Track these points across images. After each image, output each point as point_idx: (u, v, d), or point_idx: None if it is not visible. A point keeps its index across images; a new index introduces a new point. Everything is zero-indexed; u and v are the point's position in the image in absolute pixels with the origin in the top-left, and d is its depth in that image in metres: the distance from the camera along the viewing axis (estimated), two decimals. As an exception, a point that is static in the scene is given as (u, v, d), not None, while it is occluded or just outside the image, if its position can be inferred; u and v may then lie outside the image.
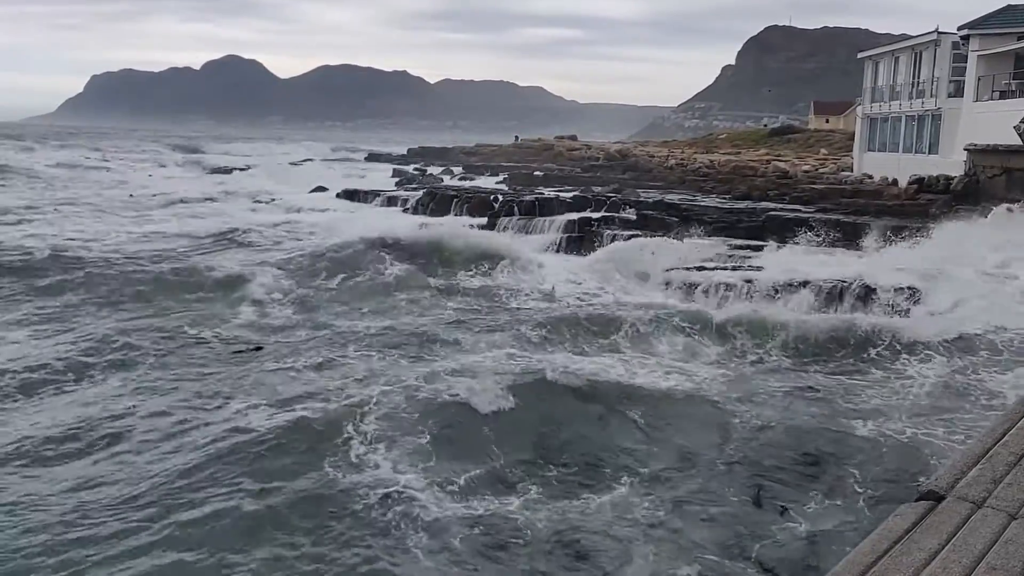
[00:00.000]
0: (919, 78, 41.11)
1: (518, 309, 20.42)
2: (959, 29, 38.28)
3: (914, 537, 3.38)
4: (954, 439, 11.44)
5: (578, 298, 21.89)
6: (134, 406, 12.63)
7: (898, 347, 16.26)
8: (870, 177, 42.33)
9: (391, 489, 9.75)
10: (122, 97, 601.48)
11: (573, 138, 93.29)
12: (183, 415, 12.25)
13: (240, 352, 15.85)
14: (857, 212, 33.18)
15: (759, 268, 23.39)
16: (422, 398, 12.45)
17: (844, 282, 20.59)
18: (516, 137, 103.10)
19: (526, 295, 22.15)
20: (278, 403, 12.45)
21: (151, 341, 16.17)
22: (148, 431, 11.74)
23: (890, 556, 3.21)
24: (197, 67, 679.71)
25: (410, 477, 10.12)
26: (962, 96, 37.59)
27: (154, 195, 45.90)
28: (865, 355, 16.19)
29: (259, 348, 16.01)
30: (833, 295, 20.44)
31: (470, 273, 24.33)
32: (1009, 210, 27.55)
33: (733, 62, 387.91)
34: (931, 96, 39.35)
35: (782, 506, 9.88)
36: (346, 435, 11.13)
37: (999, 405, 12.74)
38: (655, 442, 11.86)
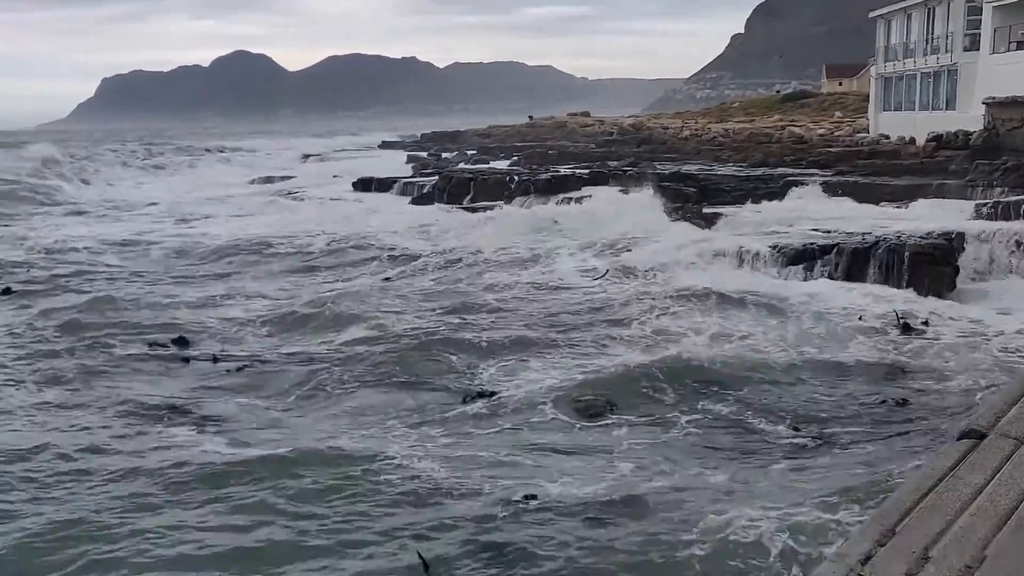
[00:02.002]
0: (933, 34, 40.61)
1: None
2: (972, -19, 37.79)
3: (959, 473, 3.38)
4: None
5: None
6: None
7: None
8: (887, 137, 41.93)
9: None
10: (133, 99, 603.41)
11: (586, 115, 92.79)
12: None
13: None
14: (876, 173, 32.92)
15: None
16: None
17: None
18: (530, 117, 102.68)
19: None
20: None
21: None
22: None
23: (936, 492, 3.21)
24: (206, 64, 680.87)
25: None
26: (978, 49, 37.10)
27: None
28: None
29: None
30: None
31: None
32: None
33: (742, 30, 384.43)
34: (946, 51, 38.87)
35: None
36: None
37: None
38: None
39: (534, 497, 9.20)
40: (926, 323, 16.75)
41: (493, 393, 12.70)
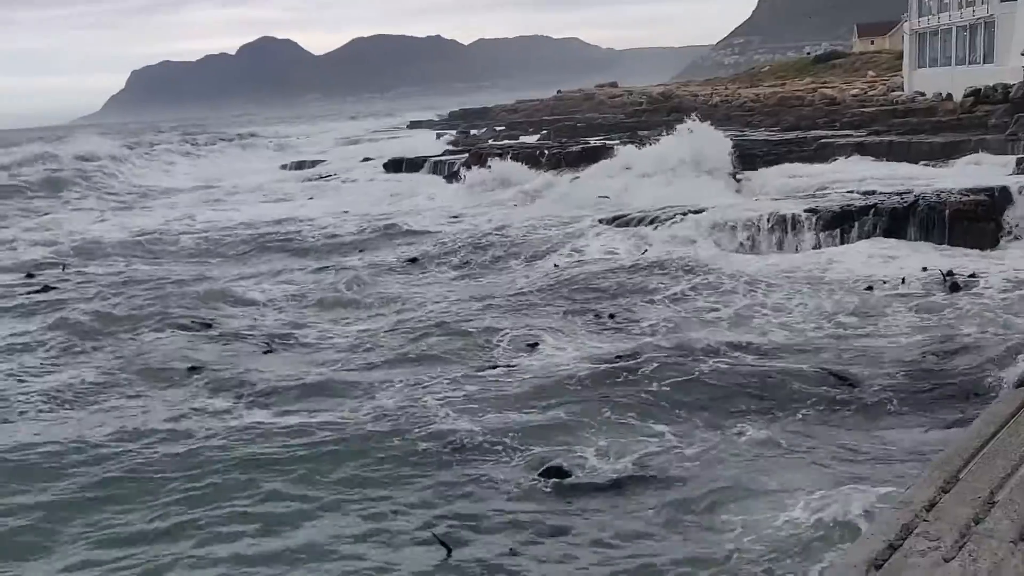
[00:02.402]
0: (968, -14, 39.80)
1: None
2: (1008, -70, 36.92)
3: (1021, 419, 3.32)
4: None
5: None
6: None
7: None
8: (922, 95, 41.25)
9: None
10: (163, 89, 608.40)
11: (614, 85, 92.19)
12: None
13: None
14: (912, 131, 32.35)
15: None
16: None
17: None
18: (558, 91, 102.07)
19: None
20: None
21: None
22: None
23: (998, 439, 3.16)
24: (233, 52, 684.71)
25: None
26: (1016, 0, 36.28)
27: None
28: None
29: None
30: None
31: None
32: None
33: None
34: (983, 3, 38.05)
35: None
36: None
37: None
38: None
39: (566, 474, 9.14)
40: (973, 276, 16.43)
41: (512, 366, 12.68)
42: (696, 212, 22.27)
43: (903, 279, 16.50)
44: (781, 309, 15.34)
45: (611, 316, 15.29)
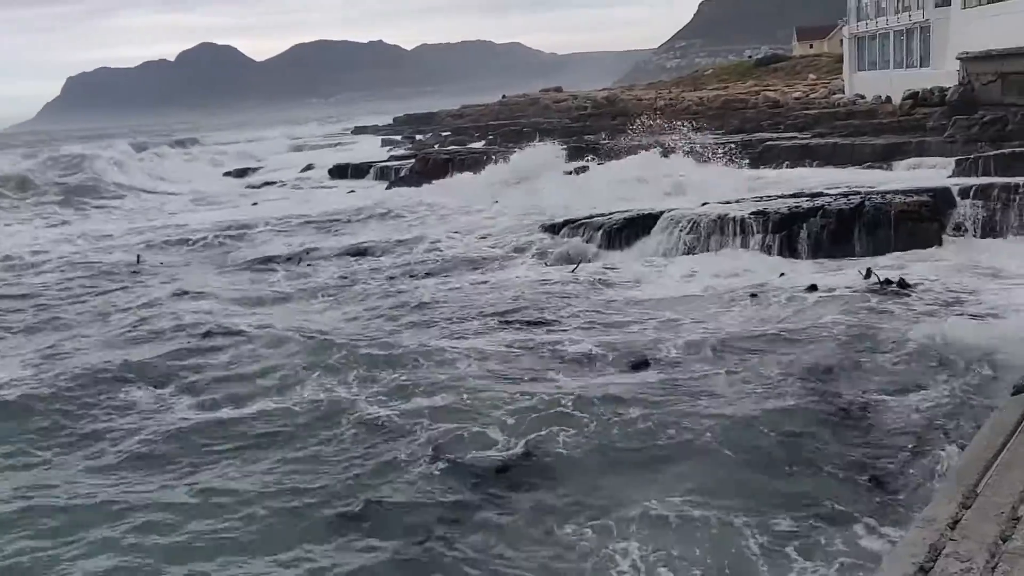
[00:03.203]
0: (904, -9, 40.62)
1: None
2: (941, -64, 37.76)
3: (1027, 429, 3.25)
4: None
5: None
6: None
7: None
8: (863, 97, 41.99)
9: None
10: (100, 96, 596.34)
11: (558, 90, 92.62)
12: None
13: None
14: (855, 133, 32.91)
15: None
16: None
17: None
18: (503, 95, 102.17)
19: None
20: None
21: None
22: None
23: (1009, 449, 3.09)
24: (172, 58, 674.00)
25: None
26: (950, 5, 37.08)
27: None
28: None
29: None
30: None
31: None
32: None
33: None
34: (918, 8, 38.88)
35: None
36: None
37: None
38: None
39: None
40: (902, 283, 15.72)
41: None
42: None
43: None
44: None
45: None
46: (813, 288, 15.90)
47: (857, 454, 8.88)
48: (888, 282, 16.00)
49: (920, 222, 19.37)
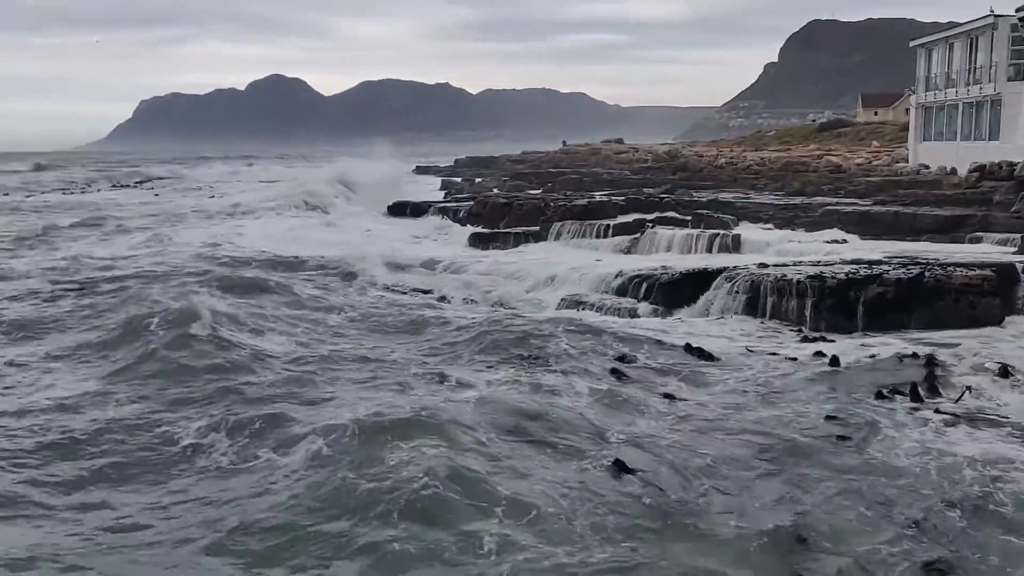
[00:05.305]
0: (975, 64, 40.23)
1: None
2: (1017, 11, 37.47)
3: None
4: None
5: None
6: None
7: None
8: (927, 167, 41.51)
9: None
10: (170, 120, 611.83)
11: (620, 141, 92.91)
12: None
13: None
14: (916, 203, 32.51)
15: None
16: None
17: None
18: (563, 142, 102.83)
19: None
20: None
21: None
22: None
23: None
24: (242, 87, 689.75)
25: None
26: (1022, 79, 36.73)
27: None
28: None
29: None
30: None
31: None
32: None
33: (775, 59, 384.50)
34: (989, 81, 38.48)
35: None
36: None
37: None
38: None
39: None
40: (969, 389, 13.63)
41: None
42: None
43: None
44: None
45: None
46: (835, 363, 15.19)
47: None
48: (915, 356, 15.51)
49: (982, 297, 19.03)
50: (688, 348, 16.38)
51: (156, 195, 64.80)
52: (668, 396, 13.31)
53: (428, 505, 8.62)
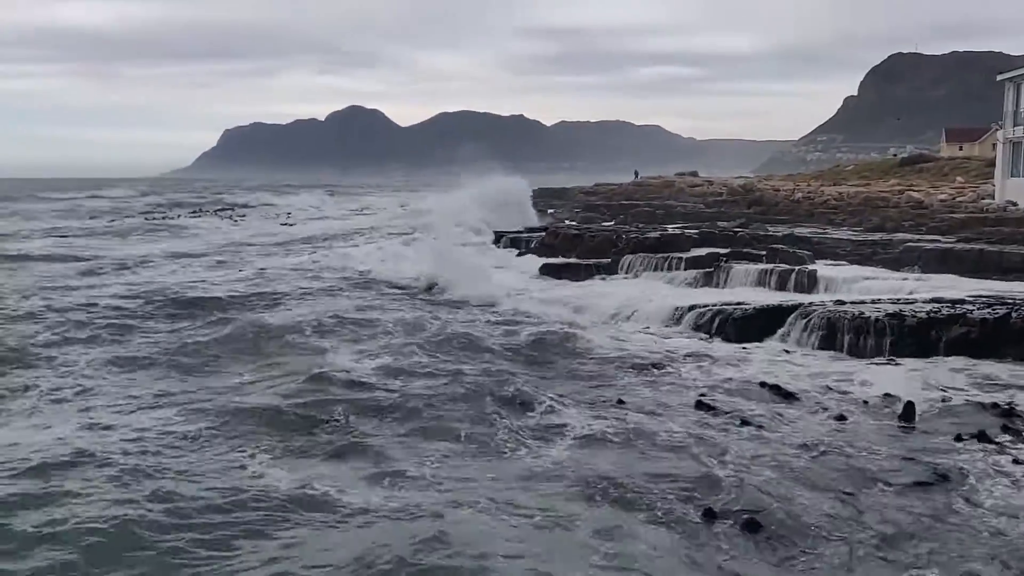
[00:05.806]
0: (1066, 98, 39.10)
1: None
2: (1109, 45, 36.31)
3: None
4: None
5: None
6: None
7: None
8: (1015, 204, 40.31)
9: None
10: (253, 149, 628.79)
11: (694, 174, 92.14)
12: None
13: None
14: (1003, 241, 31.49)
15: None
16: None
17: None
18: (636, 173, 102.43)
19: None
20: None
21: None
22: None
23: None
24: (322, 118, 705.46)
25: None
26: (1116, 116, 35.54)
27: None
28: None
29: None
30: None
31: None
32: None
33: (855, 92, 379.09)
34: (1081, 116, 37.32)
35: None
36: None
37: None
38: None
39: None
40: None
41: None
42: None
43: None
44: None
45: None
46: (910, 413, 14.15)
47: None
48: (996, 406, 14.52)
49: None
50: (763, 385, 16.06)
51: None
52: (753, 431, 13.12)
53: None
